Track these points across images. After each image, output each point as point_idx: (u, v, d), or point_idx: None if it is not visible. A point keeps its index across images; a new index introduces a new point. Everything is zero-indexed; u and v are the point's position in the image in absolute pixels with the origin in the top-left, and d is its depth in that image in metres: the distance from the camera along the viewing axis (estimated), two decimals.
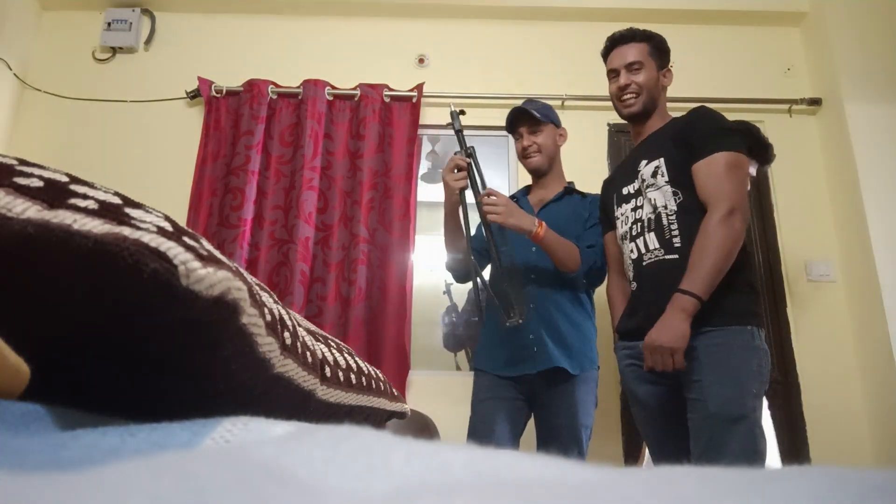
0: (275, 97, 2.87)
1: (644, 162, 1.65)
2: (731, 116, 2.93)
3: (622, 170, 1.79)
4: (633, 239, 1.64)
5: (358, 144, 2.82)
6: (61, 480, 0.18)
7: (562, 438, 1.70)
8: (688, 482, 0.21)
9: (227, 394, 0.45)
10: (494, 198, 1.67)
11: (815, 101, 2.96)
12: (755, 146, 2.21)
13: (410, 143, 2.83)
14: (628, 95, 1.69)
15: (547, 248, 1.71)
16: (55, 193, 0.37)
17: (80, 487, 0.17)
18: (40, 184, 0.38)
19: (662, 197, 1.58)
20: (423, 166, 3.49)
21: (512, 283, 1.63)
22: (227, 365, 0.42)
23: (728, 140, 1.53)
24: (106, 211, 0.37)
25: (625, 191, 1.71)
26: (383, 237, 2.71)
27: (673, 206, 1.56)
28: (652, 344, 1.43)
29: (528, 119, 1.89)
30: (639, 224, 1.62)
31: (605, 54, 1.78)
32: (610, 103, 2.88)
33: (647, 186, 1.62)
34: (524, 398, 1.79)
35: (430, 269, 3.20)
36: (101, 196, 0.39)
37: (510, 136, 2.97)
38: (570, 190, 1.96)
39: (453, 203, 1.73)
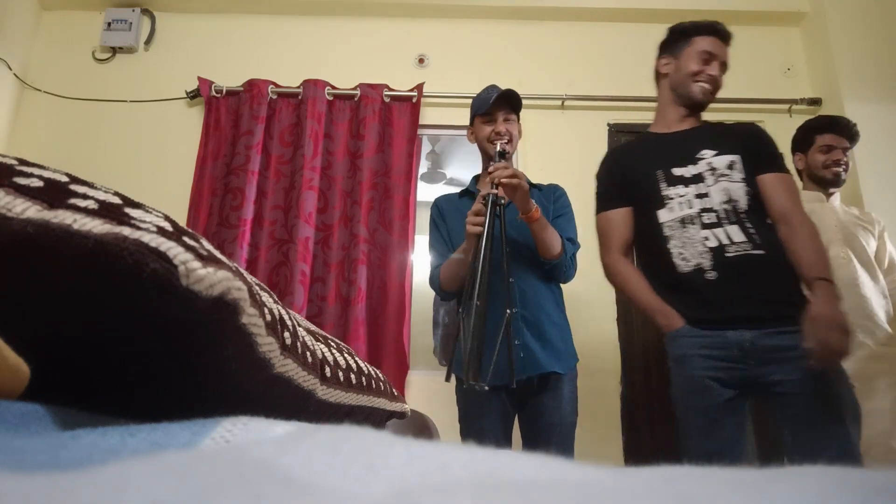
0: (275, 97, 2.87)
1: (712, 152, 1.64)
2: (731, 116, 2.96)
3: (667, 147, 1.71)
4: (707, 227, 1.59)
5: (358, 144, 2.82)
6: (61, 480, 0.18)
7: (552, 437, 1.68)
8: (688, 482, 0.21)
9: (227, 394, 0.45)
10: (511, 169, 1.61)
11: (815, 101, 2.96)
12: None
13: (410, 143, 2.83)
14: (710, 87, 1.70)
15: (538, 231, 1.68)
16: (55, 193, 0.37)
17: (80, 487, 0.17)
18: (40, 184, 0.38)
19: (736, 191, 1.59)
20: (423, 166, 3.49)
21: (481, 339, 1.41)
22: (227, 365, 0.42)
23: (784, 163, 1.67)
24: (106, 211, 0.37)
25: (677, 172, 1.66)
26: (383, 237, 2.71)
27: (744, 204, 1.59)
28: (834, 320, 1.38)
29: (509, 105, 1.82)
30: (713, 214, 1.59)
31: (697, 32, 1.73)
32: (609, 103, 2.93)
33: (720, 176, 1.61)
34: (511, 403, 1.75)
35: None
36: (101, 196, 0.39)
37: None
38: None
39: (468, 244, 1.60)
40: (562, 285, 1.85)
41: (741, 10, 3.08)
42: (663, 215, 1.65)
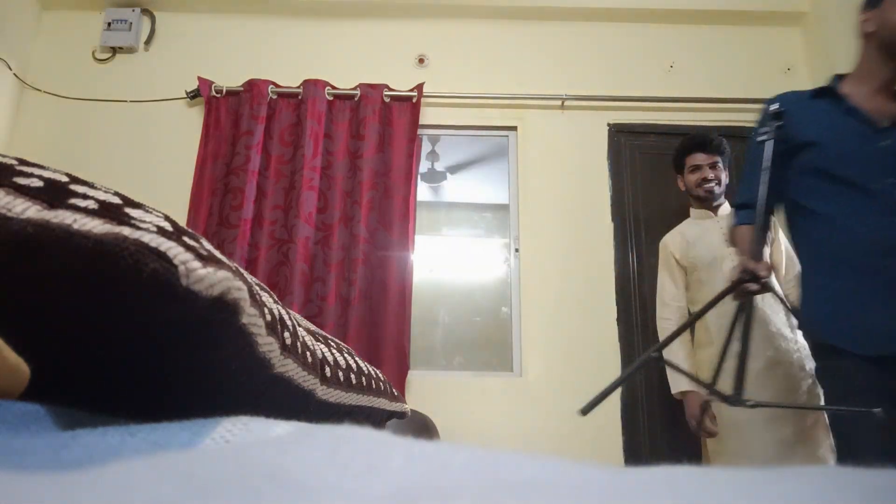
0: (275, 97, 2.87)
1: None
2: (730, 116, 2.95)
3: None
4: None
5: (358, 144, 2.82)
6: (62, 480, 0.18)
7: None
8: (688, 482, 0.21)
9: (227, 394, 0.45)
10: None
11: None
12: None
13: (410, 143, 2.83)
14: None
15: None
16: (55, 193, 0.37)
17: (80, 487, 0.17)
18: (40, 184, 0.38)
19: None
20: (423, 166, 3.49)
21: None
22: (227, 365, 0.42)
23: None
24: (106, 211, 0.37)
25: None
26: (383, 237, 2.71)
27: None
28: None
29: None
30: None
31: None
32: (609, 103, 2.93)
33: None
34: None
35: (430, 269, 3.20)
36: (101, 196, 0.39)
37: (509, 136, 3.00)
38: None
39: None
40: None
41: (741, 10, 3.08)
42: None
